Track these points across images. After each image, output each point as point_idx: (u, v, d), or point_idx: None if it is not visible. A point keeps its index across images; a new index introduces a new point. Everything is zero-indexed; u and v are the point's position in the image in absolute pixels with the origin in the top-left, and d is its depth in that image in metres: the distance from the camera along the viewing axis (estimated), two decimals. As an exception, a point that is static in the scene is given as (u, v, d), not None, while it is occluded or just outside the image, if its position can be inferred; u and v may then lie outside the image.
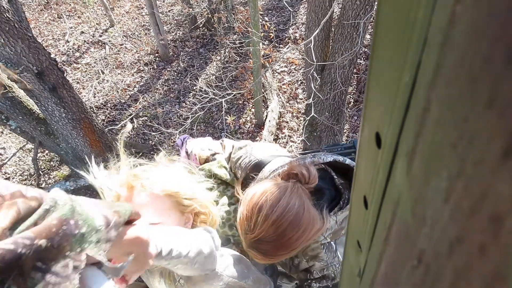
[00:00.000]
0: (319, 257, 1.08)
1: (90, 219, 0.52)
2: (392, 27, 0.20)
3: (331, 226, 1.00)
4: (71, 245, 0.48)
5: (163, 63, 6.50)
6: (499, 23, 0.13)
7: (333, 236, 1.04)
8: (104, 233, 0.55)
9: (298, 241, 0.89)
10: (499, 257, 0.15)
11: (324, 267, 1.10)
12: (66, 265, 0.47)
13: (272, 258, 0.92)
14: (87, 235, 0.50)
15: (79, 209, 0.52)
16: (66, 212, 0.49)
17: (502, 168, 0.14)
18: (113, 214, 0.59)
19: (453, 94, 0.16)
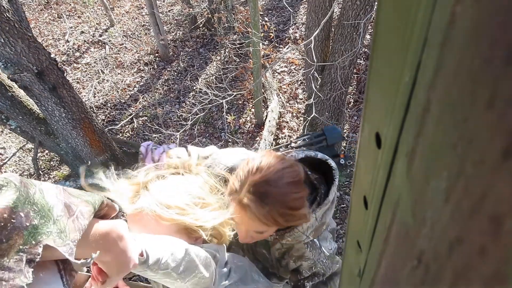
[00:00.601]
0: (305, 257, 1.09)
1: (46, 209, 0.49)
2: (392, 27, 0.20)
3: (312, 224, 1.00)
4: (24, 238, 0.45)
5: (163, 63, 6.50)
6: (499, 24, 0.13)
7: (315, 234, 1.04)
8: (68, 223, 0.51)
9: (298, 199, 0.89)
10: (499, 257, 0.15)
11: (312, 265, 1.10)
12: (20, 259, 0.44)
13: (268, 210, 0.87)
14: (41, 226, 0.47)
15: (35, 198, 0.48)
16: (14, 202, 0.45)
17: (502, 168, 0.14)
18: (80, 202, 0.55)
19: (453, 94, 0.16)
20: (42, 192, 0.50)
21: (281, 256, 1.15)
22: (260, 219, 0.88)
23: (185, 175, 0.99)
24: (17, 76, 2.59)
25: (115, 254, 0.62)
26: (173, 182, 0.94)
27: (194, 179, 0.97)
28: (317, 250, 1.08)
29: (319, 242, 1.09)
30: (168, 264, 0.73)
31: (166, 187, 0.91)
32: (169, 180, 0.95)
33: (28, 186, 0.49)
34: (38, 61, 2.60)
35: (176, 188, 0.91)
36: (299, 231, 1.01)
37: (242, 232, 0.98)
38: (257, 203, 0.87)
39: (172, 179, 0.96)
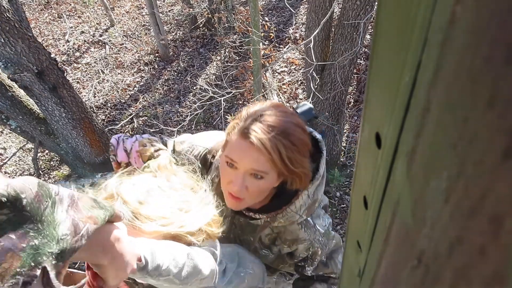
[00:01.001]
0: (300, 239, 1.02)
1: (52, 227, 0.45)
2: (392, 27, 0.20)
3: (305, 202, 0.96)
4: (22, 260, 0.41)
5: (163, 63, 6.50)
6: (499, 24, 0.13)
7: (308, 212, 0.99)
8: (71, 243, 0.47)
9: (303, 142, 0.84)
10: (499, 258, 0.15)
11: (308, 246, 1.04)
12: (16, 283, 0.40)
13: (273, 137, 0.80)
14: (42, 246, 0.43)
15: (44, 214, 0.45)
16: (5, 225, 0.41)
17: (502, 169, 0.14)
18: (87, 219, 0.51)
19: (453, 94, 0.16)
20: (53, 206, 0.46)
21: (272, 242, 1.08)
22: (264, 145, 0.80)
23: (162, 176, 0.90)
24: (17, 76, 2.59)
25: (111, 258, 0.58)
26: (152, 187, 0.84)
27: (174, 179, 0.89)
28: (311, 229, 1.03)
29: (312, 221, 1.04)
30: (169, 270, 0.69)
31: (144, 194, 0.81)
32: (147, 184, 0.85)
33: (42, 200, 0.45)
34: (38, 61, 2.60)
35: (156, 195, 0.82)
36: (292, 210, 0.96)
37: (238, 178, 0.87)
38: (262, 129, 0.81)
39: (150, 183, 0.86)
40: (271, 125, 0.82)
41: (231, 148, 0.87)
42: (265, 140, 0.80)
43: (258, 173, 0.86)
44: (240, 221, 1.09)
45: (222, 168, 0.92)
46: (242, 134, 0.84)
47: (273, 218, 0.99)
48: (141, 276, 0.66)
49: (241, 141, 0.84)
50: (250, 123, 0.83)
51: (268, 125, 0.82)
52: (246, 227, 1.08)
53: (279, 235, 1.05)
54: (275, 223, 1.00)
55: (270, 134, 0.81)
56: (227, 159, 0.88)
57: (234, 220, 1.09)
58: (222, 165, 0.92)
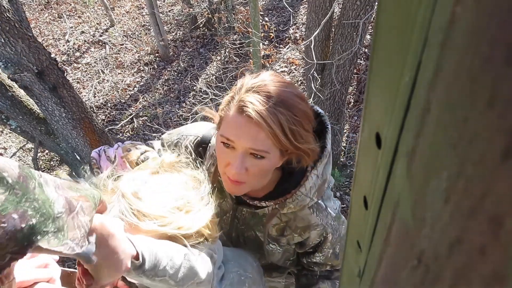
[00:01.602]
0: (312, 225, 0.94)
1: (47, 204, 0.43)
2: (392, 27, 0.20)
3: (314, 183, 0.88)
4: (17, 240, 0.39)
5: (163, 63, 6.50)
6: (499, 24, 0.13)
7: (319, 194, 0.91)
8: (68, 220, 0.45)
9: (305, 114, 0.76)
10: (499, 258, 0.15)
11: (321, 232, 0.96)
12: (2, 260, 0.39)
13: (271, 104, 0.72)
14: (39, 225, 0.41)
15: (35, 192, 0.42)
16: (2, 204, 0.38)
17: (502, 169, 0.14)
18: (79, 197, 0.49)
19: (453, 95, 0.16)
20: (41, 186, 0.45)
21: (280, 233, 0.99)
22: (263, 118, 0.71)
23: (164, 174, 0.85)
24: (17, 76, 2.59)
25: (103, 255, 0.54)
26: (152, 183, 0.80)
27: (176, 177, 0.84)
28: (323, 213, 0.95)
29: (324, 203, 0.95)
30: (166, 270, 0.66)
31: (145, 191, 0.77)
32: (147, 180, 0.81)
33: (28, 179, 0.43)
34: (38, 61, 2.60)
35: (156, 192, 0.78)
36: (302, 193, 0.88)
37: (236, 160, 0.78)
38: (260, 100, 0.72)
39: (151, 179, 0.82)
40: (270, 95, 0.73)
41: (227, 125, 0.78)
42: (264, 112, 0.71)
43: (258, 152, 0.77)
44: (243, 214, 1.01)
45: (218, 149, 0.83)
46: (238, 108, 0.75)
47: (282, 204, 0.90)
48: (136, 275, 0.63)
49: (237, 116, 0.75)
50: (246, 93, 0.74)
51: (266, 95, 0.73)
52: (251, 220, 1.00)
53: (288, 224, 0.96)
54: (284, 210, 0.91)
55: (268, 104, 0.72)
56: (223, 139, 0.79)
57: (237, 214, 1.02)
58: (218, 146, 0.83)
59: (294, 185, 0.89)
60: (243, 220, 1.02)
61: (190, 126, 1.10)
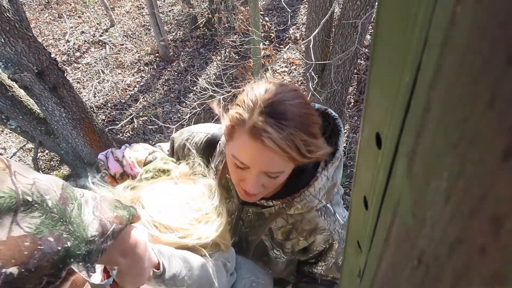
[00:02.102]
0: (319, 228, 0.91)
1: (82, 228, 0.44)
2: (393, 27, 0.20)
3: (324, 185, 0.86)
4: (53, 263, 0.40)
5: (163, 63, 6.50)
6: (499, 24, 0.13)
7: (328, 197, 0.88)
8: (98, 244, 0.46)
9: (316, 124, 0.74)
10: (499, 258, 0.15)
11: (328, 238, 0.93)
12: (39, 283, 0.39)
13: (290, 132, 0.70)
14: (73, 248, 0.42)
15: (72, 215, 0.43)
16: (36, 227, 0.39)
17: (503, 169, 0.14)
18: (114, 219, 0.50)
19: (454, 95, 0.15)
20: (80, 208, 0.46)
21: (286, 237, 0.96)
22: (279, 146, 0.70)
23: (182, 184, 0.85)
24: (18, 76, 2.59)
25: (130, 262, 0.55)
26: (171, 195, 0.80)
27: (194, 188, 0.84)
28: (331, 218, 0.91)
29: (332, 208, 0.92)
30: (184, 280, 0.65)
31: (164, 202, 0.78)
32: (167, 192, 0.81)
33: (68, 201, 0.44)
34: (39, 61, 2.60)
35: (175, 204, 0.78)
36: (311, 193, 0.86)
37: (251, 180, 0.78)
38: (275, 126, 0.69)
39: (170, 190, 0.82)
40: (284, 117, 0.70)
41: (240, 149, 0.76)
42: (281, 141, 0.69)
43: (274, 174, 0.77)
44: (248, 215, 0.99)
45: (231, 166, 0.82)
46: (252, 133, 0.71)
47: (289, 203, 0.88)
48: (156, 283, 0.63)
49: (251, 141, 0.72)
50: (258, 117, 0.70)
51: (280, 117, 0.69)
52: (256, 221, 0.98)
53: (294, 226, 0.93)
54: (291, 210, 0.89)
55: (285, 131, 0.69)
56: (236, 161, 0.77)
57: (242, 215, 1.00)
58: (229, 163, 0.82)
59: (303, 185, 0.87)
60: (248, 221, 1.00)
61: (200, 125, 1.09)
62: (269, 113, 0.70)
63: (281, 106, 0.71)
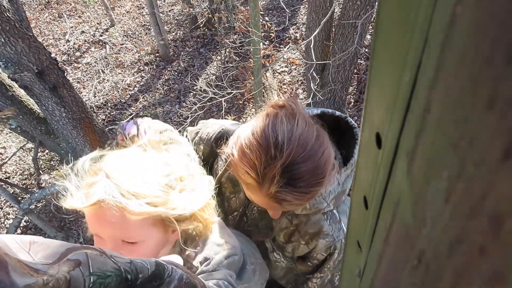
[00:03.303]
0: (323, 232, 0.89)
1: None
2: (393, 27, 0.20)
3: (334, 189, 0.85)
4: None
5: (163, 62, 6.50)
6: (499, 24, 0.13)
7: (336, 202, 0.87)
8: None
9: (328, 159, 0.72)
10: (499, 258, 0.15)
11: (330, 244, 0.90)
12: None
13: (309, 191, 0.70)
14: None
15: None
16: None
17: (503, 169, 0.14)
18: None
19: (454, 95, 0.16)
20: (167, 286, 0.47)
21: (287, 239, 0.94)
22: (297, 205, 0.73)
23: (153, 151, 0.78)
24: (18, 76, 2.59)
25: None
26: (141, 161, 0.72)
27: (166, 155, 0.78)
28: (337, 225, 0.90)
29: (339, 215, 0.91)
30: None
31: (131, 168, 0.69)
32: (136, 158, 0.73)
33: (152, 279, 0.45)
34: (39, 60, 2.60)
35: (146, 170, 0.70)
36: (321, 194, 0.83)
37: (271, 214, 0.85)
38: (295, 193, 0.69)
39: (139, 156, 0.75)
40: (301, 181, 0.68)
41: (256, 199, 0.76)
42: (299, 202, 0.71)
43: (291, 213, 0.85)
44: (253, 213, 0.96)
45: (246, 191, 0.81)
46: (271, 200, 0.71)
47: None
48: None
49: (270, 202, 0.73)
50: (274, 187, 0.68)
51: (298, 184, 0.68)
52: (260, 221, 0.96)
53: (298, 228, 0.91)
54: (298, 209, 0.87)
55: (301, 193, 0.69)
56: (250, 197, 0.80)
57: (247, 211, 0.97)
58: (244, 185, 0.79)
59: None
60: (252, 219, 0.97)
61: (215, 119, 1.07)
62: (287, 182, 0.67)
63: (296, 168, 0.67)
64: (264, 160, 0.67)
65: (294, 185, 0.68)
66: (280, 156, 0.67)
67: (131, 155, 0.74)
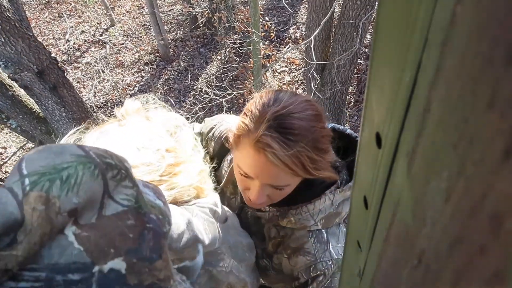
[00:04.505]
0: (304, 249, 0.85)
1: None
2: (393, 27, 0.20)
3: (325, 208, 0.81)
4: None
5: (163, 62, 6.50)
6: (499, 24, 0.13)
7: (325, 223, 0.83)
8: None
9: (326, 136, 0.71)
10: (499, 257, 0.15)
11: (310, 265, 0.84)
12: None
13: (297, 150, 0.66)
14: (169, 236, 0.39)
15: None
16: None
17: (503, 168, 0.14)
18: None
19: (454, 95, 0.16)
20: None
21: (275, 250, 0.91)
22: (284, 163, 0.67)
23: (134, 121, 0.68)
24: (18, 76, 2.59)
25: None
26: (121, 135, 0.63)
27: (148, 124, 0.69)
28: (322, 245, 0.85)
29: (327, 236, 0.85)
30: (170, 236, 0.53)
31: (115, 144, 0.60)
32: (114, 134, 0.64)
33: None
34: (39, 60, 2.60)
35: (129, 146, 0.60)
36: (308, 211, 0.81)
37: (255, 191, 0.75)
38: (281, 141, 0.65)
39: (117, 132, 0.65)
40: (291, 132, 0.66)
41: (244, 160, 0.73)
42: (286, 157, 0.66)
43: (279, 187, 0.74)
44: (247, 218, 0.96)
45: (236, 174, 0.79)
46: (256, 147, 0.68)
47: (283, 213, 0.84)
48: None
49: (255, 155, 0.69)
50: (264, 131, 0.66)
51: (288, 133, 0.66)
52: (253, 226, 0.95)
53: (283, 240, 0.89)
54: (283, 221, 0.85)
55: (291, 148, 0.65)
56: (241, 171, 0.75)
57: (241, 215, 0.97)
58: (235, 171, 0.79)
59: (304, 200, 0.83)
60: (245, 223, 0.97)
61: (232, 116, 1.04)
62: (276, 127, 0.66)
63: (289, 119, 0.67)
64: (261, 107, 0.70)
65: (282, 133, 0.66)
66: (275, 105, 0.68)
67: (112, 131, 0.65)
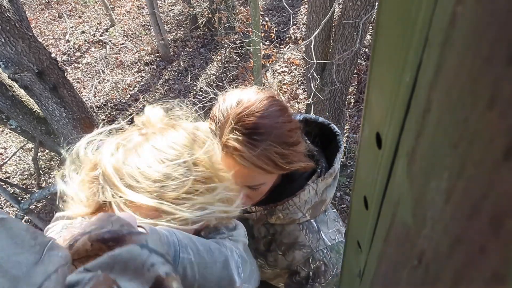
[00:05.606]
0: (299, 243, 0.85)
1: None
2: (393, 27, 0.20)
3: (310, 199, 0.81)
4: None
5: (163, 63, 6.50)
6: (499, 24, 0.13)
7: (313, 213, 0.84)
8: None
9: (294, 130, 0.71)
10: (499, 258, 0.15)
11: (308, 256, 0.85)
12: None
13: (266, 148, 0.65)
14: None
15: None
16: None
17: (502, 168, 0.14)
18: None
19: (454, 95, 0.16)
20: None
21: (267, 248, 0.91)
22: (254, 164, 0.66)
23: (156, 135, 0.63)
24: (18, 76, 2.59)
25: None
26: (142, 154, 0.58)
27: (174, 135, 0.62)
28: (314, 235, 0.85)
29: (317, 225, 0.86)
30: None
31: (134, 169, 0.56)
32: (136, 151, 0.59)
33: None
34: (39, 60, 2.60)
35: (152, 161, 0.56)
36: (295, 204, 0.81)
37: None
38: (247, 143, 0.65)
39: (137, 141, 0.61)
40: (256, 132, 0.66)
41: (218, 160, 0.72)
42: (254, 158, 0.66)
43: (254, 187, 0.75)
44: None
45: None
46: (224, 152, 0.68)
47: (270, 211, 0.83)
48: None
49: (225, 159, 0.68)
50: (229, 135, 0.66)
51: (252, 133, 0.65)
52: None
53: (274, 237, 0.89)
54: (272, 219, 0.84)
55: (258, 147, 0.65)
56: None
57: None
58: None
59: (289, 194, 0.82)
60: None
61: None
62: (239, 129, 0.66)
63: (252, 119, 0.66)
64: (224, 110, 0.71)
65: (247, 134, 0.66)
66: (237, 106, 0.69)
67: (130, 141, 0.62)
